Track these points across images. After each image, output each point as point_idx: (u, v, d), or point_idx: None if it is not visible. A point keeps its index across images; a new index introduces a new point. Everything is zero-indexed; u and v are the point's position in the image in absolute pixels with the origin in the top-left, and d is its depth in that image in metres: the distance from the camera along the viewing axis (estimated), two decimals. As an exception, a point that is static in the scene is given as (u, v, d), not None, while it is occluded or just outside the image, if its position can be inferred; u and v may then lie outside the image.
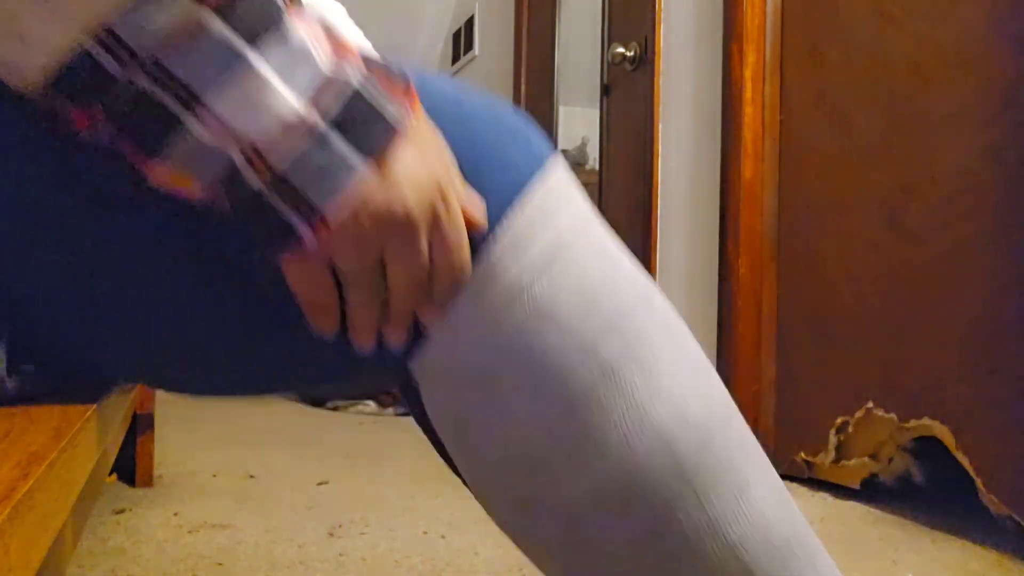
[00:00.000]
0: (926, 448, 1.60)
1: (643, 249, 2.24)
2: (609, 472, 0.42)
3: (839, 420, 1.75)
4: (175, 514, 1.50)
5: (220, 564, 1.25)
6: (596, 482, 0.42)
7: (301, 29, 0.35)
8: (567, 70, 3.01)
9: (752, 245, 1.92)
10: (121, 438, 1.30)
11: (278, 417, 2.64)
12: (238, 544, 1.34)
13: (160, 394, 1.73)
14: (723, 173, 1.97)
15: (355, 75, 0.35)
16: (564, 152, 3.32)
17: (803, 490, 1.80)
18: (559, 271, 0.42)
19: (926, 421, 1.56)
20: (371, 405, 2.89)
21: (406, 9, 3.78)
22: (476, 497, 0.47)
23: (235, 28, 0.33)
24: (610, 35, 2.50)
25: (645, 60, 2.28)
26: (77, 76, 0.32)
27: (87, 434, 0.43)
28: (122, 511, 1.51)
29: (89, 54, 0.32)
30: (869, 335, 1.69)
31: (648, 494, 0.42)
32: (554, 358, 0.42)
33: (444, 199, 0.38)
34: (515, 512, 0.45)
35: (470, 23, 3.64)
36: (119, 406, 0.64)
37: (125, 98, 0.32)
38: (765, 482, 0.46)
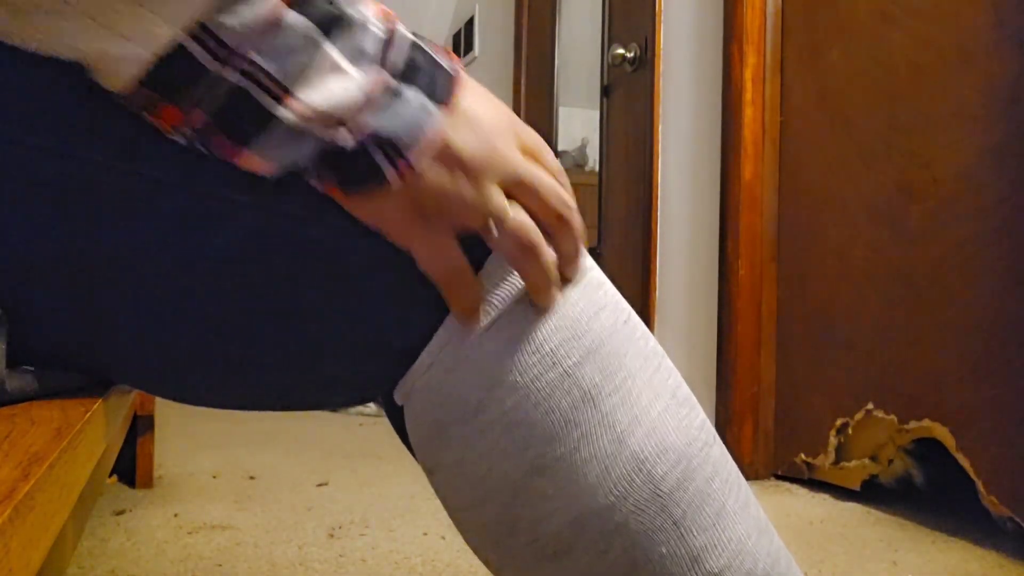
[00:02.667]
0: (926, 449, 1.60)
1: (643, 250, 2.24)
2: (589, 502, 0.42)
3: (839, 421, 1.75)
4: (175, 515, 1.50)
5: (220, 565, 1.25)
6: (576, 513, 0.42)
7: (356, 4, 0.37)
8: (567, 71, 3.02)
9: (752, 246, 1.92)
10: (121, 439, 1.30)
11: (278, 418, 2.64)
12: (238, 545, 1.34)
13: (160, 395, 1.72)
14: (723, 174, 1.97)
15: (407, 32, 0.38)
16: (564, 153, 3.32)
17: (803, 491, 1.80)
18: None
19: (926, 423, 1.56)
20: (371, 406, 2.89)
21: (405, 10, 3.78)
22: (455, 523, 0.47)
23: (310, 19, 0.35)
24: (610, 36, 2.50)
25: (645, 61, 2.28)
26: (172, 69, 0.34)
27: (88, 435, 0.43)
28: (122, 512, 1.51)
29: (184, 48, 0.34)
30: (869, 336, 1.69)
31: (629, 524, 0.42)
32: (537, 386, 0.41)
33: (521, 132, 0.41)
34: (493, 541, 0.44)
35: (470, 24, 3.64)
36: (119, 407, 0.64)
37: (217, 92, 0.34)
38: (747, 513, 0.46)
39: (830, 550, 1.40)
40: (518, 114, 3.10)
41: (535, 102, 3.08)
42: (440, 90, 0.38)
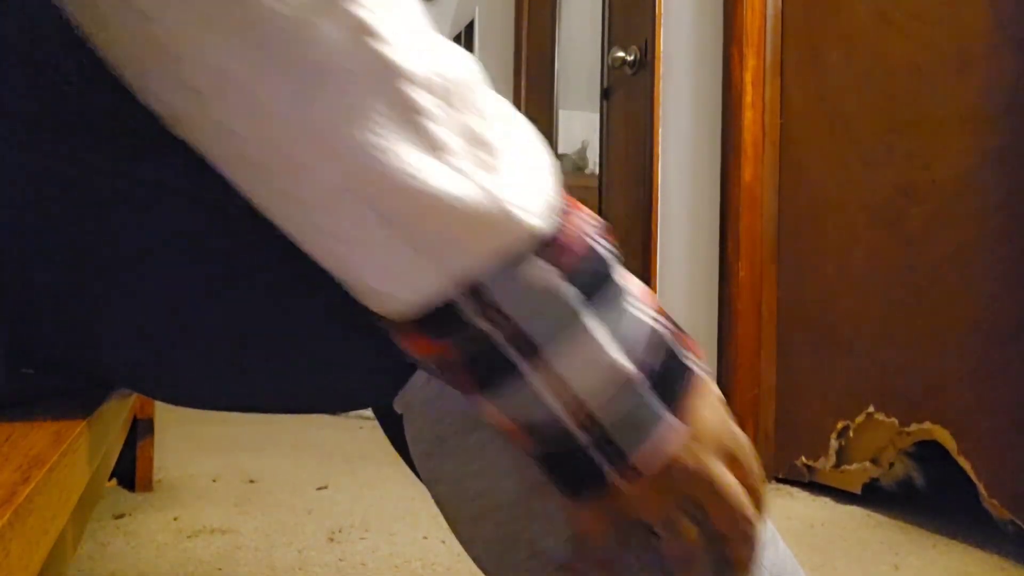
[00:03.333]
0: (927, 452, 1.60)
1: (643, 252, 2.24)
2: None
3: (840, 424, 1.75)
4: (175, 519, 1.50)
5: (220, 569, 1.25)
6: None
7: (625, 286, 0.38)
8: (567, 74, 3.02)
9: (752, 248, 1.92)
10: (121, 443, 1.30)
11: (278, 421, 2.64)
12: (238, 549, 1.34)
13: (160, 398, 1.72)
14: (723, 176, 1.97)
15: (666, 331, 0.38)
16: (564, 156, 3.31)
17: (804, 495, 1.79)
18: None
19: (927, 425, 1.56)
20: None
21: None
22: (456, 536, 0.46)
23: (577, 287, 0.35)
24: (610, 39, 2.50)
25: (645, 64, 2.28)
26: (436, 316, 0.34)
27: (87, 438, 0.42)
28: (122, 516, 1.51)
29: (454, 302, 0.34)
30: (870, 339, 1.69)
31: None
32: None
33: (734, 447, 0.40)
34: (494, 555, 0.44)
35: (470, 27, 3.65)
36: (119, 411, 0.64)
37: (471, 339, 0.35)
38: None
39: (831, 553, 1.40)
40: (518, 117, 3.11)
41: (535, 105, 3.08)
42: (679, 394, 0.38)
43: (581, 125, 3.14)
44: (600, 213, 2.51)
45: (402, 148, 0.32)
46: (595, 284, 0.36)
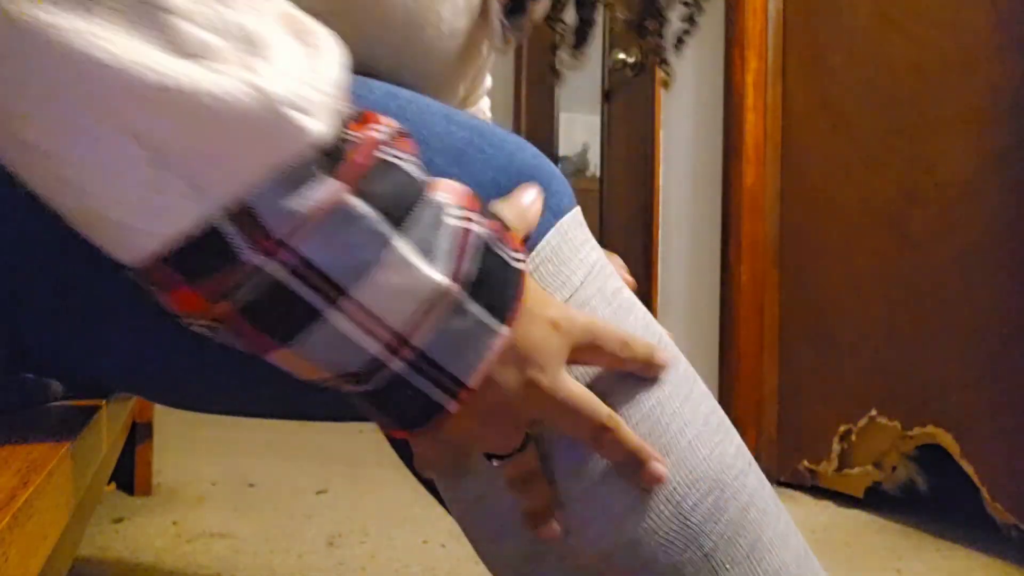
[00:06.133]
0: (930, 456, 1.59)
1: (644, 256, 2.23)
2: (616, 537, 0.40)
3: (842, 428, 1.74)
4: (174, 523, 1.49)
5: (219, 574, 1.24)
6: (604, 547, 0.40)
7: (436, 195, 0.33)
8: (568, 76, 3.01)
9: (754, 252, 1.91)
10: (120, 447, 1.29)
11: (277, 425, 2.63)
12: (237, 553, 1.33)
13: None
14: (725, 179, 1.97)
15: (483, 231, 0.34)
16: (565, 159, 3.31)
17: (806, 499, 1.79)
18: None
19: (930, 429, 1.55)
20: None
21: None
22: (477, 553, 0.46)
23: (377, 207, 0.31)
24: (611, 41, 2.50)
25: (646, 66, 2.28)
26: (198, 253, 0.29)
27: (87, 443, 0.42)
28: (120, 520, 1.51)
29: (217, 231, 0.29)
30: (872, 342, 1.68)
31: (657, 559, 0.40)
32: None
33: (587, 336, 0.39)
34: (522, 572, 0.43)
35: (470, 31, 3.64)
36: (118, 415, 0.64)
37: (253, 285, 0.30)
38: (784, 543, 0.44)
39: (833, 558, 1.39)
40: (519, 120, 3.11)
41: (536, 108, 3.08)
42: (506, 301, 0.35)
43: (582, 128, 3.14)
44: (601, 217, 2.51)
45: (139, 48, 0.27)
46: (398, 200, 0.31)
